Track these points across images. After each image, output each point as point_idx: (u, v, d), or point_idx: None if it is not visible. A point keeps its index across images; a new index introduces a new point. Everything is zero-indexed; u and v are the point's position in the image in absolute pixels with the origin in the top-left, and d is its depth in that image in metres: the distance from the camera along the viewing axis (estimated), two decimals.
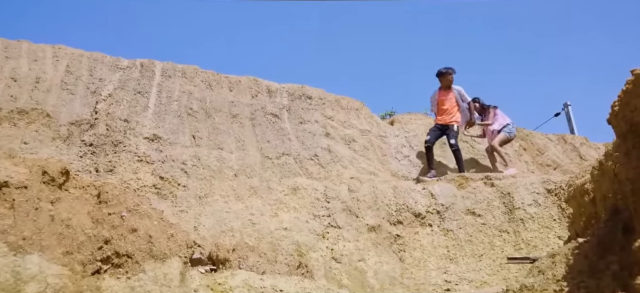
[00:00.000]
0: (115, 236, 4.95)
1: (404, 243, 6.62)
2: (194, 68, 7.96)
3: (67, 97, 7.10)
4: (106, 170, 6.43)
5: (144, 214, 5.25)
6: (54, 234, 4.82)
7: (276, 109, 7.91)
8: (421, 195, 7.07)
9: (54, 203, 5.12)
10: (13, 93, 6.82)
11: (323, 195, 6.84)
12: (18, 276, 4.31)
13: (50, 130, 6.69)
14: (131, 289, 4.65)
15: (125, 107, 7.11)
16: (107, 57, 7.78)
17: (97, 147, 6.63)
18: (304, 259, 6.00)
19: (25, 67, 7.20)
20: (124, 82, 7.44)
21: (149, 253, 4.94)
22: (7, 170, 4.97)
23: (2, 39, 7.31)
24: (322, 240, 6.42)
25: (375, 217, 6.76)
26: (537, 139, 9.03)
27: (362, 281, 6.11)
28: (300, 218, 6.54)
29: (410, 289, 6.10)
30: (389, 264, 6.36)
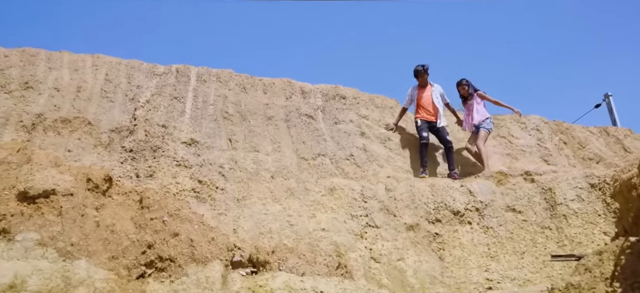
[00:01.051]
0: (158, 240, 5.05)
1: (443, 241, 6.54)
2: (229, 72, 8.05)
3: (107, 104, 7.27)
4: (146, 175, 6.56)
5: (184, 218, 5.33)
6: (99, 240, 4.94)
7: (311, 110, 7.92)
8: (459, 193, 6.97)
9: (99, 209, 5.26)
10: (56, 103, 7.03)
11: (360, 195, 6.82)
12: (68, 281, 4.45)
13: (92, 137, 6.86)
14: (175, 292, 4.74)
15: (162, 113, 7.24)
16: (144, 64, 7.94)
17: (136, 152, 6.77)
18: (343, 259, 5.99)
19: (66, 77, 7.41)
20: (160, 88, 7.58)
21: (190, 256, 5.01)
22: (54, 178, 5.13)
23: (45, 51, 7.54)
24: (360, 240, 6.40)
25: (413, 216, 6.70)
26: (577, 132, 8.79)
27: (402, 280, 6.07)
28: (338, 218, 6.54)
29: (451, 288, 6.03)
30: (428, 263, 6.30)
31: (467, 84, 8.19)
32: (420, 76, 8.08)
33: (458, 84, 8.29)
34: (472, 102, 8.13)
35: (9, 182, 5.16)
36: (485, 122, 7.89)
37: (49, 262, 4.54)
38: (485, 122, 7.89)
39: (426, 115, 7.93)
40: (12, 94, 6.88)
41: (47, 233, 4.71)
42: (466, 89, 8.18)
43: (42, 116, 6.80)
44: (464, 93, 8.23)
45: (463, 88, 8.22)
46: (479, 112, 8.00)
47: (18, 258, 4.41)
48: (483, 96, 8.10)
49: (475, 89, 8.17)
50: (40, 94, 7.07)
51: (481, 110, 8.02)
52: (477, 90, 8.16)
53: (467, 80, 8.22)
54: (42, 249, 4.60)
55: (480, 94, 8.11)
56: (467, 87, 8.18)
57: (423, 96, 8.04)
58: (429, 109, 7.95)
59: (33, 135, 6.62)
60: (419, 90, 8.10)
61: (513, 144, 8.27)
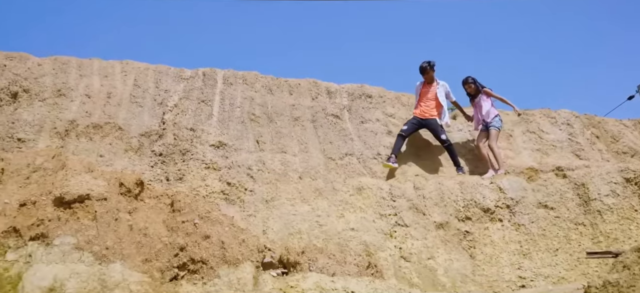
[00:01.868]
0: (190, 243, 5.11)
1: (473, 239, 6.47)
2: (254, 74, 8.10)
3: (136, 109, 7.39)
4: (176, 178, 6.66)
5: (215, 221, 5.39)
6: (133, 243, 5.03)
7: (337, 110, 7.92)
8: (489, 190, 6.88)
9: (132, 213, 5.35)
10: (88, 109, 7.18)
11: (388, 194, 6.79)
12: (104, 284, 4.54)
13: (123, 142, 6.99)
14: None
15: (190, 116, 7.33)
16: (171, 69, 8.04)
17: (166, 156, 6.87)
18: (373, 259, 5.98)
19: (97, 84, 7.56)
20: (188, 91, 7.67)
21: (222, 258, 5.07)
22: (88, 183, 5.24)
23: (76, 58, 7.71)
24: (389, 239, 6.38)
25: (443, 214, 6.65)
26: (610, 126, 8.57)
27: (433, 279, 6.03)
28: (367, 218, 6.52)
29: (483, 286, 5.96)
30: (459, 261, 6.24)
31: (474, 81, 7.96)
32: (426, 73, 7.89)
33: (464, 82, 8.09)
34: (479, 100, 7.96)
35: (45, 187, 5.29)
36: (494, 120, 7.70)
37: (85, 266, 4.65)
38: (495, 120, 7.70)
39: (426, 111, 7.73)
40: (46, 102, 7.06)
41: (83, 238, 4.82)
42: (472, 87, 7.97)
43: (74, 122, 6.95)
44: (470, 91, 8.04)
45: (469, 86, 8.00)
46: (487, 110, 7.81)
47: (56, 262, 4.52)
48: (489, 93, 7.93)
49: (481, 86, 7.98)
50: (72, 100, 7.23)
51: (489, 108, 7.84)
52: (483, 88, 7.98)
53: (473, 78, 8.00)
54: (79, 253, 4.71)
55: (486, 90, 7.93)
56: (473, 84, 7.96)
57: (427, 92, 7.87)
58: (431, 105, 7.75)
59: (66, 142, 6.78)
60: (424, 87, 7.95)
61: (543, 139, 8.12)
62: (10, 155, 5.90)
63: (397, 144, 7.45)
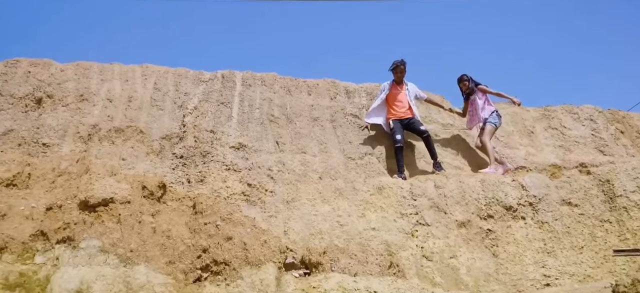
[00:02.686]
0: (212, 245, 5.15)
1: (496, 237, 6.40)
2: (273, 75, 8.12)
3: (157, 113, 7.46)
4: (197, 180, 6.71)
5: (237, 222, 5.42)
6: (156, 245, 5.09)
7: (356, 109, 7.90)
8: (511, 188, 6.80)
9: (155, 215, 5.41)
10: (109, 113, 7.27)
11: (409, 193, 6.76)
12: (129, 286, 4.60)
13: (144, 145, 7.06)
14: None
15: (210, 119, 7.37)
16: (190, 72, 8.11)
17: (187, 158, 6.92)
18: (395, 259, 5.95)
19: (118, 88, 7.65)
20: (207, 94, 7.72)
21: (244, 260, 5.10)
22: (112, 187, 5.32)
23: (98, 63, 7.82)
24: (411, 238, 6.35)
25: (464, 213, 6.59)
26: (635, 120, 8.41)
27: (456, 278, 5.98)
28: (388, 217, 6.50)
29: (507, 285, 5.89)
30: (482, 260, 6.18)
31: (468, 79, 7.86)
32: (399, 72, 7.67)
33: (459, 81, 7.96)
34: (474, 97, 7.81)
35: (70, 191, 5.38)
36: (491, 116, 7.55)
37: (111, 268, 4.72)
38: (492, 116, 7.54)
39: (400, 112, 7.54)
40: (69, 107, 7.16)
41: (108, 240, 4.89)
42: (467, 85, 7.87)
43: (97, 127, 7.05)
44: (465, 89, 7.91)
45: (464, 84, 7.90)
46: (484, 107, 7.67)
47: (83, 265, 4.60)
48: (485, 90, 7.79)
49: (476, 84, 7.82)
50: (94, 105, 7.33)
51: (484, 105, 7.69)
52: (478, 85, 7.82)
53: (467, 76, 7.89)
54: (104, 255, 4.78)
55: (481, 87, 7.80)
56: (468, 82, 7.86)
57: (398, 93, 7.65)
58: (404, 106, 7.56)
59: (89, 146, 6.87)
60: (394, 88, 7.71)
61: (565, 135, 8.00)
62: (36, 159, 6.00)
63: (399, 158, 7.25)
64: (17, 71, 7.27)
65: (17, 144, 6.59)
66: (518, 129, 8.14)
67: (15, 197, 5.13)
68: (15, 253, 4.55)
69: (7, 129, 6.68)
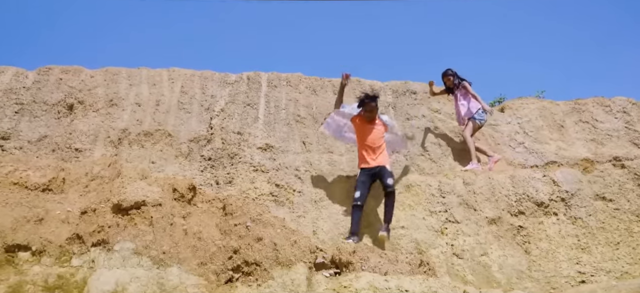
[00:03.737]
0: (243, 246, 5.18)
1: (528, 234, 6.31)
2: (298, 75, 8.14)
3: (184, 115, 7.55)
4: (225, 182, 6.77)
5: (267, 223, 5.44)
6: (188, 247, 5.15)
7: (381, 108, 7.83)
8: (542, 183, 6.69)
9: (186, 217, 5.47)
10: (138, 117, 7.38)
11: (437, 191, 6.70)
12: (163, 287, 4.66)
13: (173, 148, 7.15)
14: None
15: (237, 120, 7.43)
16: (216, 74, 8.17)
17: (215, 160, 6.99)
18: (425, 257, 5.89)
19: (146, 92, 7.76)
20: (233, 96, 7.78)
21: (275, 260, 5.11)
22: (144, 190, 5.39)
23: (126, 68, 7.94)
24: (440, 236, 6.30)
25: (495, 209, 6.51)
26: None
27: (487, 276, 5.91)
28: (417, 215, 6.46)
29: (540, 282, 5.80)
30: (514, 257, 6.10)
31: (453, 74, 7.70)
32: (370, 110, 6.56)
33: (443, 75, 7.79)
34: (457, 93, 7.68)
35: (103, 195, 5.48)
36: (477, 113, 7.38)
37: (144, 270, 4.78)
38: (477, 113, 7.37)
39: (371, 159, 6.38)
40: (99, 112, 7.30)
41: (141, 243, 4.96)
42: (451, 80, 7.70)
43: (126, 131, 7.17)
44: (449, 84, 7.74)
45: (448, 79, 7.73)
46: (467, 104, 7.50)
47: (118, 267, 4.67)
48: (467, 88, 7.55)
49: (461, 79, 7.65)
50: (123, 110, 7.45)
51: (469, 102, 7.50)
52: (462, 81, 7.63)
53: (452, 71, 7.72)
54: (138, 258, 4.85)
55: (464, 85, 7.58)
56: (452, 77, 7.69)
57: (370, 132, 6.52)
58: (378, 150, 6.45)
59: (120, 150, 6.99)
60: (366, 125, 6.59)
61: (597, 129, 7.82)
62: (70, 164, 6.13)
63: (354, 217, 6.12)
64: (49, 78, 7.43)
65: (51, 149, 6.75)
66: (547, 123, 7.99)
67: (51, 201, 5.25)
68: (53, 256, 4.66)
69: (42, 135, 6.84)
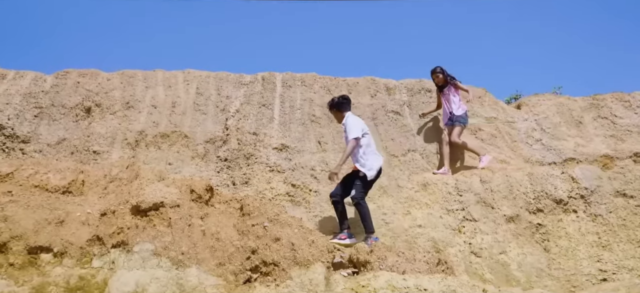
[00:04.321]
0: (261, 246, 5.19)
1: (547, 232, 6.25)
2: (312, 75, 8.14)
3: (200, 117, 7.59)
4: (242, 182, 6.79)
5: (284, 223, 5.45)
6: (206, 248, 5.17)
7: (396, 106, 7.84)
8: (561, 180, 6.62)
9: (203, 218, 5.50)
10: (155, 119, 7.44)
11: (454, 189, 6.66)
12: (182, 288, 4.69)
13: (189, 149, 7.19)
14: None
15: (252, 121, 7.45)
16: (231, 75, 8.20)
17: (231, 161, 7.02)
18: (443, 255, 5.86)
19: (162, 94, 7.81)
20: (248, 96, 7.80)
21: (293, 260, 5.12)
22: (162, 191, 5.43)
23: (142, 71, 8.00)
24: (458, 234, 6.26)
25: (513, 207, 6.45)
26: None
27: (506, 274, 5.86)
28: (434, 214, 6.43)
29: (561, 280, 5.74)
30: (533, 255, 6.04)
31: (441, 71, 7.45)
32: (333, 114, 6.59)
33: (432, 72, 7.55)
34: (447, 92, 7.43)
35: (122, 197, 5.53)
36: (462, 115, 7.28)
37: (164, 271, 4.82)
38: (462, 117, 7.27)
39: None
40: (116, 115, 7.36)
41: (160, 244, 4.99)
42: (440, 77, 7.45)
43: (143, 133, 7.22)
44: (438, 82, 7.49)
45: (437, 76, 7.47)
46: (455, 104, 7.32)
47: (137, 268, 4.71)
48: (457, 85, 7.40)
49: (450, 77, 7.44)
50: (140, 112, 7.50)
51: (458, 102, 7.33)
52: (452, 79, 7.43)
53: (441, 68, 7.48)
54: (157, 259, 4.89)
55: (454, 83, 7.41)
56: (441, 74, 7.45)
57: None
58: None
59: (137, 152, 7.05)
60: None
61: (616, 125, 7.71)
62: (89, 167, 6.19)
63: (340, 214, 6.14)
64: (67, 82, 7.51)
65: (70, 152, 6.82)
66: (565, 119, 7.90)
67: (71, 203, 5.31)
68: (74, 257, 4.71)
69: (61, 138, 6.92)
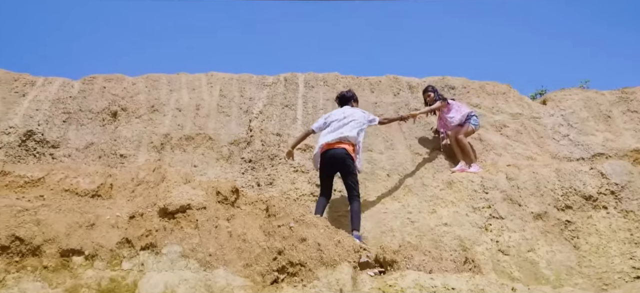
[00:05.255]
0: (287, 246, 5.21)
1: (576, 229, 6.14)
2: (335, 75, 8.14)
3: (224, 119, 7.66)
4: (266, 183, 6.83)
5: (310, 223, 5.46)
6: (233, 249, 5.21)
7: (420, 105, 7.79)
8: (590, 176, 6.50)
9: (230, 220, 5.54)
10: (179, 122, 7.53)
11: (480, 186, 6.59)
12: (210, 290, 4.73)
13: (214, 151, 7.26)
14: None
15: (275, 122, 7.49)
16: (254, 77, 8.26)
17: (255, 162, 7.06)
18: (469, 254, 5.80)
19: (186, 97, 7.91)
20: (271, 97, 7.85)
21: (319, 260, 5.12)
22: (188, 194, 5.49)
23: (166, 75, 8.11)
24: (485, 232, 6.20)
25: (540, 204, 6.36)
26: None
27: (535, 273, 5.78)
28: (460, 212, 6.37)
29: (592, 278, 5.63)
30: (562, 253, 5.94)
31: (433, 91, 7.35)
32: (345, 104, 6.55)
33: (424, 92, 7.45)
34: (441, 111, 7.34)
35: (149, 199, 5.60)
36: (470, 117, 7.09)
37: (192, 272, 4.87)
38: (472, 119, 7.10)
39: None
40: (142, 118, 7.47)
41: (187, 246, 5.05)
42: (432, 96, 7.30)
43: (168, 136, 7.31)
44: (429, 101, 7.34)
45: (429, 96, 7.33)
46: (454, 115, 7.17)
47: (166, 270, 4.77)
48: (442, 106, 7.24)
49: (442, 97, 7.31)
50: (164, 115, 7.61)
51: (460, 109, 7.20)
52: (444, 99, 7.29)
53: (433, 87, 7.42)
54: (185, 260, 4.94)
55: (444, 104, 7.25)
56: (432, 93, 7.32)
57: None
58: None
59: (162, 154, 7.15)
60: None
61: None
62: (116, 170, 6.29)
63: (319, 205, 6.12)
64: (93, 87, 7.66)
65: (97, 156, 6.95)
66: (593, 114, 7.76)
67: (100, 207, 5.40)
68: (105, 260, 4.79)
69: (88, 143, 7.05)
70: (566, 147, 7.41)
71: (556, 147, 7.41)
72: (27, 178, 5.51)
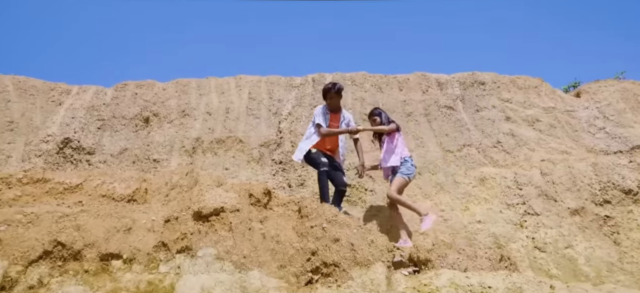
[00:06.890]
0: (320, 247, 5.21)
1: (616, 224, 5.98)
2: (363, 74, 8.12)
3: (253, 121, 7.71)
4: (297, 184, 6.84)
5: (342, 223, 5.45)
6: (267, 250, 5.24)
7: (449, 101, 7.70)
8: (629, 169, 6.32)
9: (263, 222, 5.57)
10: (210, 126, 7.61)
11: (513, 183, 6.48)
12: (245, 291, 4.77)
13: (244, 154, 7.32)
14: None
15: (304, 123, 7.50)
16: (282, 78, 8.29)
17: (286, 164, 7.08)
18: (505, 251, 5.73)
19: (215, 101, 7.99)
20: (299, 99, 7.86)
21: (353, 260, 5.11)
22: (221, 197, 5.54)
23: (195, 79, 8.21)
24: (520, 229, 6.09)
25: (577, 199, 6.22)
26: None
27: (574, 269, 5.65)
28: (493, 209, 6.27)
29: (635, 275, 5.47)
30: (602, 249, 5.79)
31: (379, 114, 6.26)
32: (331, 98, 6.14)
33: (369, 115, 6.41)
34: (384, 138, 6.26)
35: (183, 203, 5.68)
36: (405, 164, 5.98)
37: (227, 274, 4.92)
38: (405, 165, 5.98)
39: (329, 147, 6.23)
40: (173, 123, 7.58)
41: (222, 248, 5.10)
42: (377, 121, 6.24)
43: (199, 139, 7.40)
44: (376, 125, 6.26)
45: (374, 121, 6.28)
46: (391, 151, 6.12)
47: (202, 273, 4.83)
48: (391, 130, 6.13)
49: (389, 121, 6.22)
50: (195, 119, 7.70)
51: (394, 148, 6.11)
52: (390, 123, 6.19)
53: (379, 110, 6.32)
54: (220, 263, 4.99)
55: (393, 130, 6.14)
56: (378, 118, 6.24)
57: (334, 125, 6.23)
58: (335, 141, 6.26)
59: (194, 158, 7.24)
60: (331, 116, 6.24)
61: None
62: (150, 175, 6.41)
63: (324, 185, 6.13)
64: (126, 94, 7.80)
65: (131, 161, 7.08)
66: (630, 105, 7.54)
67: (137, 211, 5.50)
68: (142, 263, 4.88)
69: (122, 148, 7.19)
70: (603, 140, 7.23)
71: (592, 141, 7.23)
72: (66, 184, 5.65)
